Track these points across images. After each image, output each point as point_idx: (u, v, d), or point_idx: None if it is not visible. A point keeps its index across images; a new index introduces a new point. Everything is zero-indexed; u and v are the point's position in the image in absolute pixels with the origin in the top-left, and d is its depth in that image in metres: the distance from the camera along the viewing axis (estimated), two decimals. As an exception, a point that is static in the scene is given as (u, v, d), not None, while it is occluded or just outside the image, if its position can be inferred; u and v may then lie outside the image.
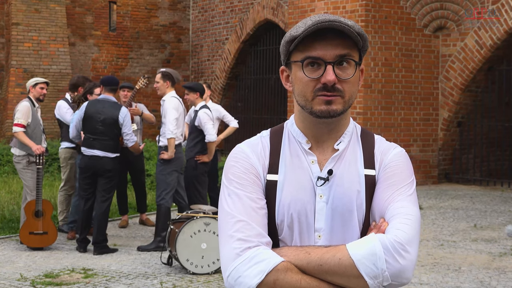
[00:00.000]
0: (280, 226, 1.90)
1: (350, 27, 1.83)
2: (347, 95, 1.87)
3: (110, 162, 7.80)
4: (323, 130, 1.92)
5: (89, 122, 7.80)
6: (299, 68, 1.88)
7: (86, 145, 7.84)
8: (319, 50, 1.84)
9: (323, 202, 1.89)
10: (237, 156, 1.94)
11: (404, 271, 1.77)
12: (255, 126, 16.11)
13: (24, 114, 8.11)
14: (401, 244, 1.78)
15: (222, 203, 1.90)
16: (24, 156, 8.13)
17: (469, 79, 12.33)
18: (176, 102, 8.05)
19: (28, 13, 16.35)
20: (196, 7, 18.85)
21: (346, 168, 1.92)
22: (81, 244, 7.87)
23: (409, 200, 1.88)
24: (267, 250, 1.81)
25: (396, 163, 1.93)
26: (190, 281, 6.53)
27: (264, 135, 2.01)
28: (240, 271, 1.78)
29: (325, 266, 1.78)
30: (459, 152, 12.97)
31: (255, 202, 1.87)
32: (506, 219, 9.26)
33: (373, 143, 1.98)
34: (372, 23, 12.01)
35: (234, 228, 1.83)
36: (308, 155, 1.93)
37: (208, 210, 7.04)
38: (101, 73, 17.30)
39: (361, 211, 1.89)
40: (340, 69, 1.86)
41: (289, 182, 1.91)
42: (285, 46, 1.91)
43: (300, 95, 1.90)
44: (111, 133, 7.82)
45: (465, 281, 6.38)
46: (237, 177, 1.90)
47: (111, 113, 7.80)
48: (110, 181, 7.86)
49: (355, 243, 1.80)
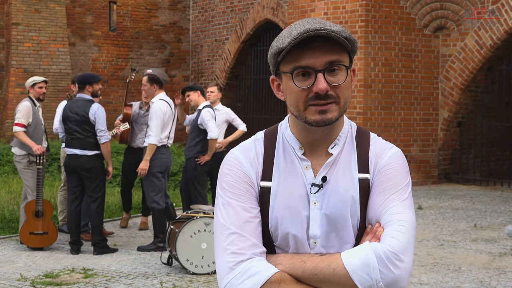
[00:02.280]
0: (274, 233, 1.89)
1: (336, 33, 1.80)
2: (341, 101, 1.84)
3: (89, 160, 7.76)
4: (318, 135, 1.90)
5: (66, 122, 7.87)
6: (289, 78, 1.85)
7: (67, 144, 7.91)
8: (308, 59, 1.81)
9: (317, 209, 1.88)
10: (230, 164, 1.93)
11: (399, 281, 1.77)
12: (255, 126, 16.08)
13: (25, 114, 8.10)
14: (395, 253, 1.77)
15: (217, 214, 1.90)
16: (24, 156, 8.12)
17: (469, 79, 12.33)
18: (164, 105, 7.95)
19: (28, 13, 16.35)
20: (196, 7, 18.84)
21: (340, 174, 1.90)
22: (73, 246, 7.84)
23: (404, 205, 1.87)
24: (261, 262, 1.81)
25: (391, 166, 1.91)
26: (190, 281, 6.53)
27: (258, 138, 1.98)
28: (233, 285, 1.79)
29: (320, 276, 1.78)
30: (459, 152, 12.97)
31: (248, 211, 1.86)
32: (506, 219, 9.25)
33: (368, 144, 1.95)
34: (372, 23, 12.01)
35: (228, 241, 1.83)
36: (302, 161, 1.91)
37: (208, 210, 7.04)
38: (101, 73, 17.30)
39: (355, 217, 1.88)
40: (331, 75, 1.82)
41: (283, 189, 1.89)
42: (272, 58, 1.88)
43: (292, 106, 1.87)
44: (86, 131, 7.78)
45: (465, 281, 6.38)
46: (230, 186, 1.89)
47: (82, 110, 7.78)
48: (93, 180, 7.81)
49: (349, 252, 1.80)
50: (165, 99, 8.04)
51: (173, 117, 8.13)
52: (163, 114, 7.88)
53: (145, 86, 8.11)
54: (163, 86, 8.13)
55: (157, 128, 7.82)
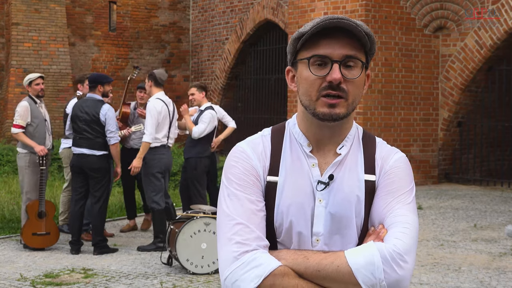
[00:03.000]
0: (278, 229, 1.90)
1: (358, 26, 1.83)
2: (350, 98, 1.86)
3: (97, 160, 7.75)
4: (326, 133, 1.92)
5: (75, 121, 7.86)
6: (306, 66, 1.87)
7: (74, 144, 7.89)
8: (326, 48, 1.84)
9: (322, 207, 1.89)
10: (237, 156, 1.93)
11: (402, 281, 1.78)
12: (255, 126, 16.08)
13: (22, 115, 7.98)
14: (400, 254, 1.79)
15: (221, 204, 1.89)
16: (27, 154, 8.02)
17: (469, 79, 12.33)
18: (160, 104, 7.89)
19: (28, 13, 16.35)
20: (196, 7, 18.85)
21: (346, 173, 1.91)
22: (73, 246, 7.84)
23: (408, 208, 1.88)
24: (265, 254, 1.81)
25: (396, 169, 1.93)
26: (190, 281, 6.53)
27: (265, 134, 1.99)
28: (237, 275, 1.79)
29: (323, 272, 1.78)
30: (459, 152, 12.97)
31: (255, 204, 1.87)
32: (506, 219, 9.26)
33: (374, 147, 1.97)
34: (372, 23, 12.01)
35: (233, 231, 1.83)
36: (309, 158, 1.92)
37: (208, 210, 7.04)
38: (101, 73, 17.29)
39: (359, 217, 1.89)
40: (346, 69, 1.85)
41: (289, 185, 1.90)
42: (292, 44, 1.91)
43: (304, 94, 1.89)
44: (95, 131, 7.78)
45: (465, 281, 6.38)
46: (237, 178, 1.89)
47: (93, 110, 7.78)
48: (99, 181, 7.80)
49: (353, 251, 1.80)
50: (162, 98, 7.98)
51: (170, 117, 8.05)
52: (157, 113, 7.84)
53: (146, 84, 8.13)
54: (163, 87, 8.11)
55: (152, 126, 7.80)
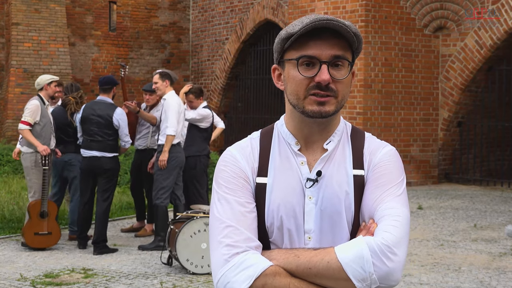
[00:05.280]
0: (270, 229, 1.90)
1: (347, 26, 1.84)
2: (340, 96, 1.87)
3: (109, 161, 7.84)
4: (314, 129, 1.92)
5: (86, 124, 7.87)
6: (293, 66, 1.88)
7: (84, 146, 7.91)
8: (315, 49, 1.85)
9: (312, 204, 1.89)
10: (226, 160, 1.95)
11: (392, 273, 1.78)
12: (255, 126, 16.10)
13: (33, 113, 7.99)
14: (389, 246, 1.79)
15: (212, 208, 1.91)
16: (32, 154, 8.01)
17: (469, 79, 12.34)
18: (178, 101, 8.03)
19: (28, 13, 16.35)
20: (196, 7, 18.84)
21: (335, 169, 1.92)
22: (81, 241, 8.00)
23: (398, 200, 1.88)
24: (256, 255, 1.82)
25: (385, 163, 1.93)
26: (190, 281, 6.53)
27: (254, 136, 2.01)
28: (228, 277, 1.80)
29: (314, 270, 1.79)
30: (459, 152, 12.97)
31: (244, 206, 1.88)
32: (506, 219, 9.26)
33: (362, 142, 1.97)
34: (372, 23, 12.02)
35: (223, 234, 1.84)
36: (298, 157, 1.93)
37: (208, 210, 7.04)
38: (101, 73, 17.31)
39: (350, 212, 1.90)
40: (334, 69, 1.86)
41: (278, 185, 1.91)
42: (279, 44, 1.91)
43: (292, 94, 1.90)
44: (107, 134, 7.82)
45: (465, 281, 6.38)
46: (226, 182, 1.91)
47: (106, 114, 7.81)
48: (109, 181, 7.89)
49: (343, 246, 1.81)
50: (177, 96, 8.12)
51: (184, 114, 8.17)
52: (178, 107, 7.91)
53: (157, 83, 8.09)
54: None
55: (175, 119, 7.82)
